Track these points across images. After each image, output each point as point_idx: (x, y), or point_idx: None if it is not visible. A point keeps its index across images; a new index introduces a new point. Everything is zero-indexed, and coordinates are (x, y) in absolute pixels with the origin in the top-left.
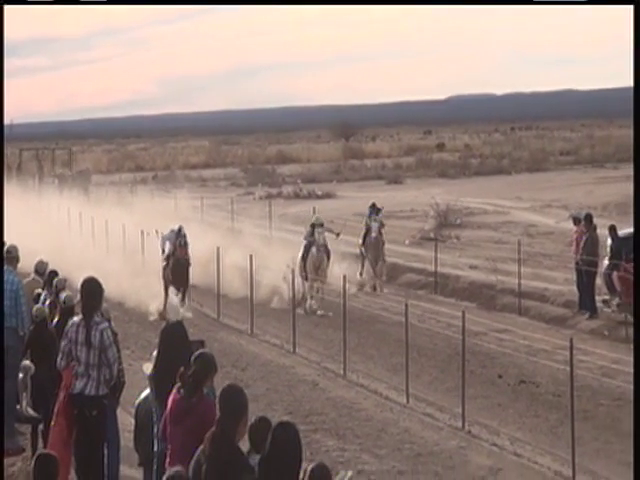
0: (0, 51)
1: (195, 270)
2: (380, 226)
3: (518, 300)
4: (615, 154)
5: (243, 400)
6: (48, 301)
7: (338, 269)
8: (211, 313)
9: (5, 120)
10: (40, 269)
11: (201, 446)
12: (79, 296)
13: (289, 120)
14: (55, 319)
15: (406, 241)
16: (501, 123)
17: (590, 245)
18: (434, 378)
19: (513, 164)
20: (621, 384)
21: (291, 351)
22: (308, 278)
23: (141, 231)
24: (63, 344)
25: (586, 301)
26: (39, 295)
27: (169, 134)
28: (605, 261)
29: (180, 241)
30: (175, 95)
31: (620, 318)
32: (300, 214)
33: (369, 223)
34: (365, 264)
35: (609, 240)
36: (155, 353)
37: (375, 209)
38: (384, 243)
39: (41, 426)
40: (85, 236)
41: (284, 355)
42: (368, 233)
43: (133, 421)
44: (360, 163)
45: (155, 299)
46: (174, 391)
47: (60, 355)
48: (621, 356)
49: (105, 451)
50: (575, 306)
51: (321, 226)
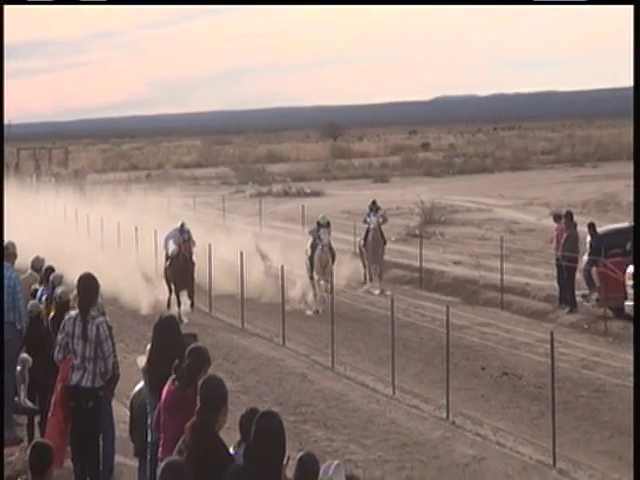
0: (0, 52)
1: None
2: (380, 221)
3: (500, 295)
4: (594, 153)
5: (223, 391)
6: (45, 296)
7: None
8: (203, 307)
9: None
10: (37, 265)
11: (182, 436)
12: (76, 291)
13: (278, 120)
14: (51, 314)
15: (392, 238)
16: (484, 123)
17: (570, 242)
18: (419, 370)
19: (496, 163)
20: (600, 376)
21: (281, 344)
22: (314, 278)
23: (135, 228)
24: (60, 337)
25: (566, 296)
26: (36, 290)
27: (162, 134)
28: (585, 257)
29: (184, 236)
30: (168, 96)
31: (599, 312)
32: (289, 211)
33: (368, 220)
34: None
35: (588, 237)
36: (149, 346)
37: (375, 207)
38: (385, 243)
39: (37, 417)
40: (81, 233)
41: (274, 348)
42: (368, 232)
43: (128, 413)
44: (347, 162)
45: (148, 294)
46: (169, 382)
47: (57, 348)
48: (600, 349)
49: (100, 441)
50: (556, 301)
51: (327, 226)
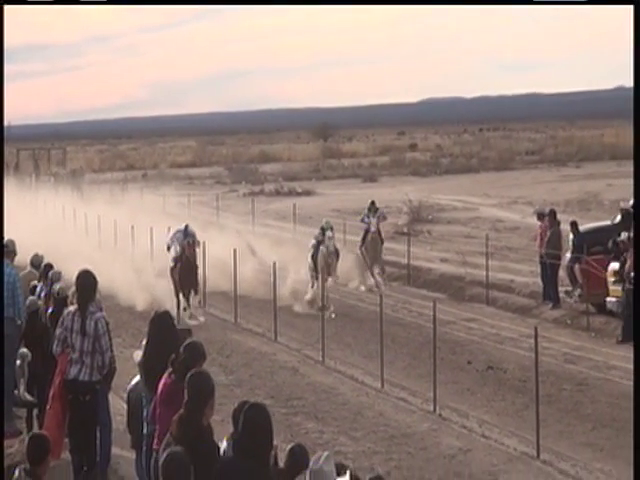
0: (0, 52)
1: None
2: (380, 221)
3: (486, 291)
4: (577, 154)
5: (209, 384)
6: (43, 292)
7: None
8: (197, 304)
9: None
10: (36, 262)
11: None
12: (74, 288)
13: (271, 122)
14: (49, 309)
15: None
16: (470, 125)
17: (554, 239)
18: (407, 364)
19: (481, 163)
20: (583, 370)
21: (273, 339)
22: (318, 277)
23: (131, 226)
24: (59, 331)
25: (550, 292)
26: (35, 287)
27: (158, 135)
28: (567, 254)
29: (189, 240)
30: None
31: (582, 308)
32: (281, 210)
33: (366, 222)
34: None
35: (571, 235)
36: (144, 341)
37: (374, 207)
38: (383, 242)
39: (36, 410)
40: (79, 231)
41: (266, 343)
42: (367, 233)
43: (125, 406)
44: (338, 162)
45: (144, 290)
46: (165, 375)
47: (56, 342)
48: (583, 343)
49: (97, 433)
50: (539, 297)
51: (331, 229)
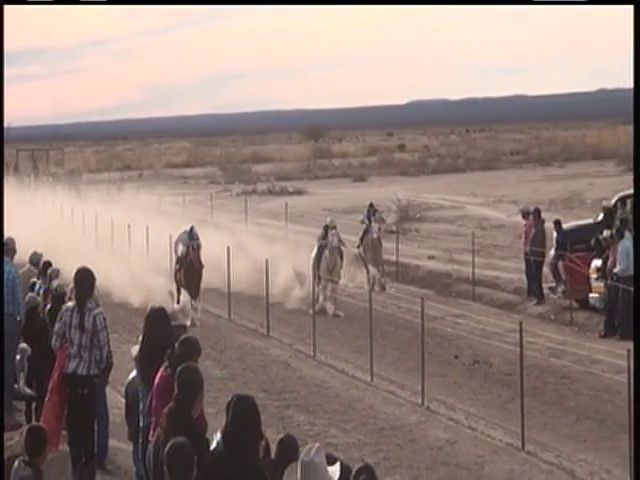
0: (0, 52)
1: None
2: (380, 225)
3: (472, 287)
4: (561, 154)
5: (199, 378)
6: (42, 289)
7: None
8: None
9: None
10: (35, 260)
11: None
12: (73, 284)
13: (263, 123)
14: (48, 305)
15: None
16: (456, 126)
17: (538, 237)
18: (396, 359)
19: (468, 163)
20: (567, 364)
21: (265, 334)
22: (321, 280)
23: (128, 224)
24: (57, 327)
25: (534, 288)
26: (34, 284)
27: (153, 136)
28: (551, 252)
29: (193, 244)
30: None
31: (565, 303)
32: (273, 209)
33: (367, 223)
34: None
35: (555, 233)
36: (141, 337)
37: (373, 209)
38: (382, 245)
39: (34, 403)
40: (76, 229)
41: (259, 338)
42: (366, 234)
43: (122, 399)
44: (328, 162)
45: (141, 287)
46: (162, 369)
47: (55, 337)
48: (566, 338)
49: (95, 426)
50: (524, 293)
51: (334, 228)
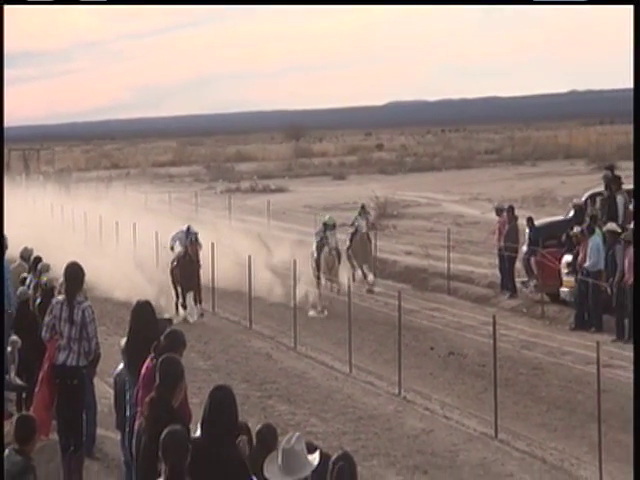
0: (0, 52)
1: (166, 259)
2: (370, 225)
3: (447, 282)
4: (533, 153)
5: (179, 369)
6: (33, 283)
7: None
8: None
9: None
10: (25, 255)
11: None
12: (63, 279)
13: (246, 123)
14: (38, 299)
15: (349, 230)
16: (433, 126)
17: (511, 233)
18: (374, 350)
19: (443, 162)
20: (538, 355)
21: (248, 327)
22: (321, 278)
23: (116, 222)
24: (48, 319)
25: (507, 283)
26: (25, 278)
27: (140, 136)
28: (524, 248)
29: (191, 238)
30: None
31: (537, 297)
32: (256, 206)
33: (357, 223)
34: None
35: (527, 229)
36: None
37: (364, 211)
38: (371, 242)
39: (25, 393)
40: (66, 226)
41: (241, 331)
42: (355, 233)
43: (110, 389)
44: (309, 161)
45: (128, 282)
46: (148, 360)
47: (45, 329)
48: (538, 331)
49: (83, 416)
50: (497, 287)
51: (333, 227)
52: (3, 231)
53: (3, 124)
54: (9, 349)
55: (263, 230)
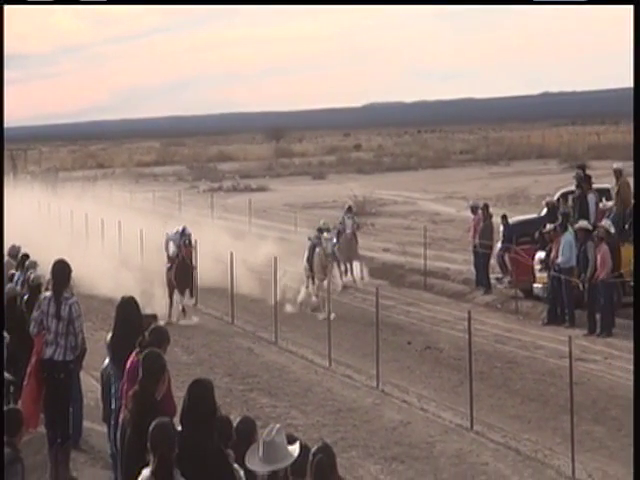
0: (0, 51)
1: (150, 256)
2: (355, 226)
3: (424, 278)
4: (506, 153)
5: (161, 363)
6: (21, 280)
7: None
8: (161, 291)
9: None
10: (13, 252)
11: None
12: (50, 275)
13: (228, 124)
14: (25, 295)
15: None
16: (409, 127)
17: (486, 231)
18: (352, 345)
19: (420, 162)
20: (512, 349)
21: (230, 322)
22: (314, 279)
23: (101, 220)
24: (36, 314)
25: (482, 279)
26: (13, 275)
27: (125, 137)
28: (498, 245)
29: (185, 240)
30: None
31: (511, 293)
32: (238, 204)
33: (343, 223)
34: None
35: (501, 227)
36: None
37: (351, 211)
38: (357, 242)
39: (13, 387)
40: (53, 224)
41: (224, 326)
42: (340, 234)
43: (95, 383)
44: (289, 161)
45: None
46: (133, 355)
47: (32, 323)
48: (512, 326)
49: (70, 409)
50: (472, 283)
51: (327, 231)
52: (3, 231)
53: (3, 124)
54: None
55: (245, 228)
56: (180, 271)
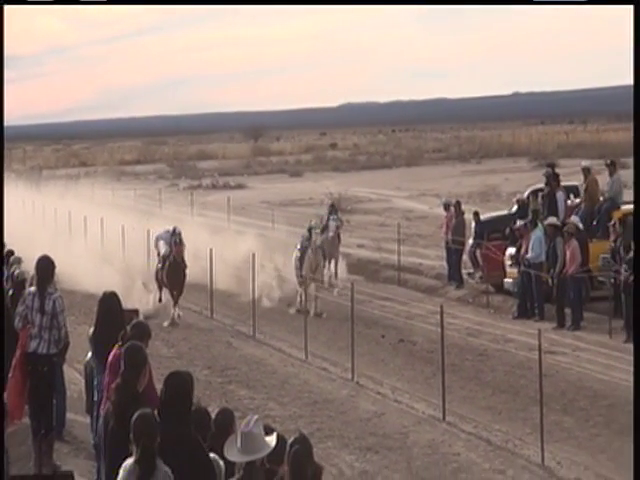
0: (0, 52)
1: (131, 252)
2: (338, 225)
3: (398, 273)
4: (478, 152)
5: (143, 356)
6: (5, 276)
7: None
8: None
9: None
10: None
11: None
12: (35, 271)
13: (207, 124)
14: (10, 291)
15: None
16: (384, 126)
17: (458, 227)
18: (328, 338)
19: (394, 160)
20: (484, 342)
21: (209, 316)
22: (305, 280)
23: (84, 217)
24: (21, 309)
25: (454, 274)
26: None
27: (107, 136)
28: (470, 241)
29: (175, 239)
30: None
31: (482, 288)
32: (217, 202)
33: (327, 222)
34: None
35: (473, 223)
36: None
37: (334, 209)
38: (340, 242)
39: None
40: (37, 221)
41: (203, 320)
42: (324, 231)
43: (78, 375)
44: (267, 159)
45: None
46: (115, 348)
47: (17, 318)
48: (483, 319)
49: (54, 400)
50: (445, 278)
51: (317, 229)
52: (3, 230)
53: (3, 124)
54: None
55: (224, 224)
56: (172, 270)
